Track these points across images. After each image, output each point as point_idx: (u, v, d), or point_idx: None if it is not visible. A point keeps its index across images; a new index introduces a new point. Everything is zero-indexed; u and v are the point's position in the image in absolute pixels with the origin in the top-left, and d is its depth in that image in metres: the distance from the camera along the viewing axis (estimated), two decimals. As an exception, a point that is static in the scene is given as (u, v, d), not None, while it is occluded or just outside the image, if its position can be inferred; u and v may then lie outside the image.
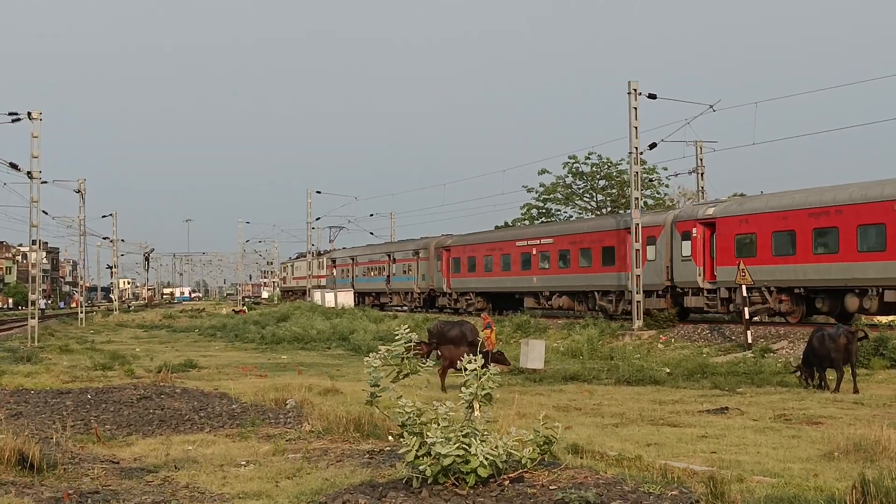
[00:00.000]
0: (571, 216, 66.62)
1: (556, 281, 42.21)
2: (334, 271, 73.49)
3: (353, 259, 69.93)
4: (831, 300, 29.21)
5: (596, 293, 39.50)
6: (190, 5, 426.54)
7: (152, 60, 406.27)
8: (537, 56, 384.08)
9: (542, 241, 43.80)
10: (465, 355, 8.94)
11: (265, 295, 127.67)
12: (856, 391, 18.59)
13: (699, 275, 33.41)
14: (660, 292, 35.41)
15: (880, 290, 26.93)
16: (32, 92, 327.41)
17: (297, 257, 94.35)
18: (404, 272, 58.44)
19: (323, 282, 76.08)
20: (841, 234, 28.13)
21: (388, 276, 61.37)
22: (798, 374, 20.12)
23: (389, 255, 61.55)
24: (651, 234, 35.73)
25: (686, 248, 34.10)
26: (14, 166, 39.06)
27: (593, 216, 48.10)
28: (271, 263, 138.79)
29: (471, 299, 50.30)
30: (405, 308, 59.37)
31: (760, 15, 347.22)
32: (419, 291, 56.50)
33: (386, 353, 8.99)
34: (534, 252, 43.94)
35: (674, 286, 34.83)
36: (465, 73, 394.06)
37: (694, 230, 33.96)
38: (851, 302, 28.12)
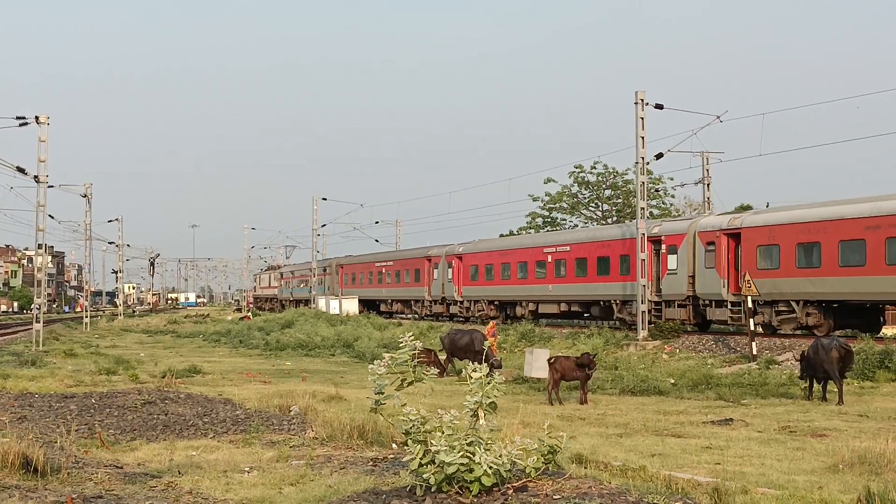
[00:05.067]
0: (577, 225, 66.70)
1: (393, 292, 60.86)
2: (282, 283, 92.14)
3: (292, 273, 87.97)
4: (512, 308, 46.40)
5: (412, 301, 57.86)
6: (198, 20, 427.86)
7: (159, 68, 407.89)
8: (545, 65, 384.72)
9: (387, 263, 62.59)
10: (472, 363, 8.94)
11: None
12: (840, 402, 18.76)
13: (456, 292, 51.22)
14: (438, 301, 53.70)
15: (531, 302, 44.23)
16: (40, 95, 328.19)
17: (265, 270, 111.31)
18: (319, 283, 75.58)
19: (275, 292, 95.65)
20: (511, 268, 45.84)
21: (310, 287, 77.40)
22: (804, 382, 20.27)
23: (312, 271, 78.00)
24: (437, 262, 53.80)
25: (450, 273, 52.08)
26: (21, 170, 39.12)
27: (409, 248, 65.59)
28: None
29: None
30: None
31: (768, 26, 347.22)
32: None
33: (390, 361, 8.98)
34: (383, 271, 62.74)
35: (444, 298, 52.76)
36: (471, 81, 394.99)
37: (454, 262, 51.58)
38: (519, 310, 45.19)
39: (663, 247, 35.36)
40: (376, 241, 79.18)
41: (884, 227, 26.96)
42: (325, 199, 76.11)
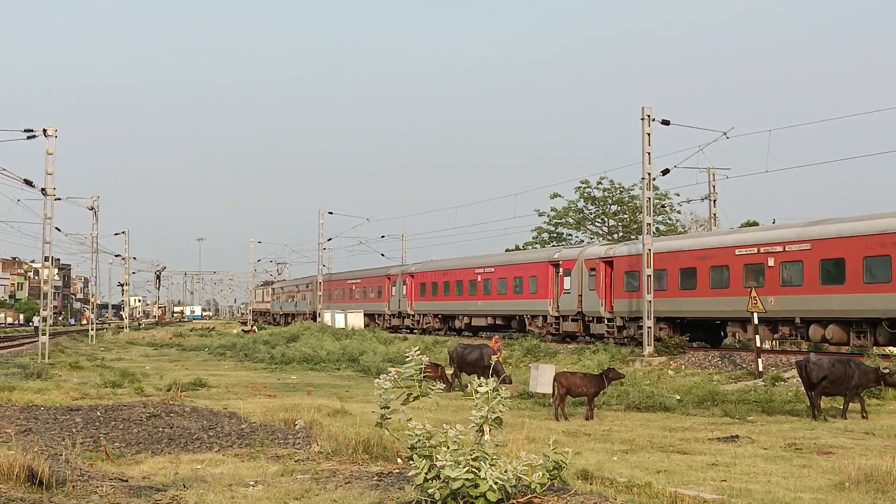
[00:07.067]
0: (582, 241, 66.71)
1: (361, 307, 66.57)
2: (273, 298, 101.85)
3: (282, 289, 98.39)
4: (452, 321, 53.42)
5: (376, 315, 64.94)
6: (203, 31, 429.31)
7: (165, 81, 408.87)
8: (551, 80, 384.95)
9: (356, 281, 69.91)
10: (478, 378, 8.93)
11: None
12: (815, 417, 19.12)
13: (408, 306, 58.78)
14: (396, 315, 61.12)
15: (466, 316, 50.97)
16: (46, 107, 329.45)
17: (260, 285, 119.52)
18: (303, 298, 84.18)
19: (269, 306, 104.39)
20: (451, 286, 52.79)
21: (296, 302, 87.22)
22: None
23: (297, 287, 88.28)
24: (395, 280, 61.46)
25: (404, 290, 59.60)
26: (29, 183, 39.21)
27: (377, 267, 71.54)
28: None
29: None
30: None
31: (774, 44, 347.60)
32: (310, 311, 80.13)
33: (396, 375, 8.97)
34: (353, 287, 70.53)
35: (401, 312, 60.14)
36: (478, 96, 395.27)
37: (407, 279, 59.17)
38: (457, 322, 52.18)
39: (560, 270, 42.39)
40: (382, 255, 79.27)
41: (708, 257, 33.66)
42: (331, 213, 76.28)
